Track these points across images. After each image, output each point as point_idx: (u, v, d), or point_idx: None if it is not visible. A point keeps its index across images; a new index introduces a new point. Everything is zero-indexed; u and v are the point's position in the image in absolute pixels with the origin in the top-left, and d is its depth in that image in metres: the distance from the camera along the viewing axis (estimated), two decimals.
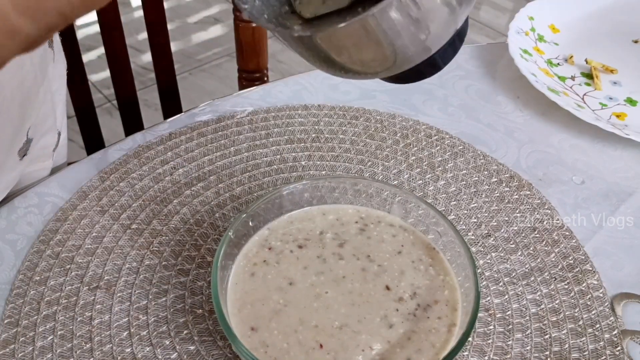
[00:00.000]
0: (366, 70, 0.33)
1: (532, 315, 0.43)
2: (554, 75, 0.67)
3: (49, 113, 0.58)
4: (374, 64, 0.32)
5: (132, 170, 0.53)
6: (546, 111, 0.62)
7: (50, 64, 0.57)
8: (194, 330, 0.41)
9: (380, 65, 0.32)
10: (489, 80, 0.66)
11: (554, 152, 0.58)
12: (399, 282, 0.40)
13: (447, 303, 0.39)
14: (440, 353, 0.37)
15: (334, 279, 0.40)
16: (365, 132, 0.58)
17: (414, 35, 0.29)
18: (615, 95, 0.65)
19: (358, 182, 0.45)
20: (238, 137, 0.57)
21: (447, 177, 0.54)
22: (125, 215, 0.49)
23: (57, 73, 0.60)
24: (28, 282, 0.44)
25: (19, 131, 0.51)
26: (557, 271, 0.46)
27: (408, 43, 0.30)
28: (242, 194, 0.51)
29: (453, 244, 0.41)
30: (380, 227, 0.44)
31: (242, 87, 0.88)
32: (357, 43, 0.29)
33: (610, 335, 0.42)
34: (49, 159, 0.60)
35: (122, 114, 0.82)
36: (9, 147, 0.50)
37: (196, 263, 0.45)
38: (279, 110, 0.60)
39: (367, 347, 0.37)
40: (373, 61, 0.31)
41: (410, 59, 0.31)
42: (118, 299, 0.43)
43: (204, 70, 1.83)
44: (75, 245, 0.46)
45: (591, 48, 0.71)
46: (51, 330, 0.41)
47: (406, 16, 0.28)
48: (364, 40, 0.29)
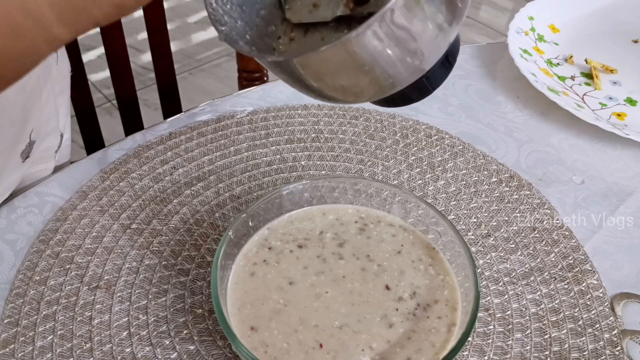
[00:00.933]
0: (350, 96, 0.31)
1: (531, 315, 0.43)
2: (554, 75, 0.67)
3: (51, 115, 0.58)
4: (357, 90, 0.30)
5: (132, 170, 0.53)
6: (546, 111, 0.62)
7: (53, 65, 0.57)
8: (194, 330, 0.41)
9: (364, 91, 0.30)
10: (488, 80, 0.66)
11: (553, 152, 0.58)
12: (399, 281, 0.40)
13: (447, 303, 0.39)
14: (440, 353, 0.37)
15: (334, 278, 0.40)
16: (365, 132, 0.58)
17: (399, 59, 0.28)
18: (615, 95, 0.65)
19: (358, 182, 0.45)
20: (238, 137, 0.57)
21: (447, 177, 0.54)
22: (125, 215, 0.49)
23: (60, 74, 0.60)
24: (28, 282, 0.44)
25: (21, 134, 0.51)
26: (556, 271, 0.46)
27: (392, 67, 0.28)
28: (242, 194, 0.51)
29: (453, 244, 0.41)
30: (380, 227, 0.44)
31: (242, 87, 0.88)
32: (337, 68, 0.28)
33: (610, 335, 0.42)
34: (51, 160, 0.60)
35: (122, 113, 0.82)
36: (12, 150, 0.50)
37: (196, 263, 0.45)
38: (278, 110, 0.60)
39: (367, 347, 0.37)
40: (356, 87, 0.30)
41: (395, 83, 0.30)
42: (118, 299, 0.43)
43: (203, 70, 1.83)
44: (75, 245, 0.46)
45: (591, 48, 0.71)
46: (51, 330, 0.41)
47: (389, 38, 0.27)
48: (344, 64, 0.28)
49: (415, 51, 0.28)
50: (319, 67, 0.29)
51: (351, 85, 0.30)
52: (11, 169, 0.51)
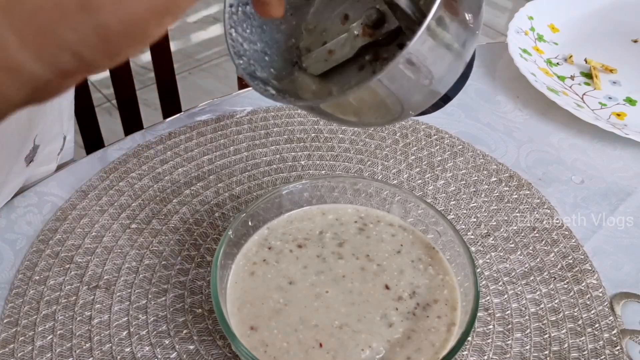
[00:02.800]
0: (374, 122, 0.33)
1: (531, 314, 0.43)
2: (554, 74, 0.67)
3: (56, 119, 0.57)
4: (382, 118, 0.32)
5: (131, 170, 0.53)
6: (546, 111, 0.62)
7: None
8: (194, 329, 0.41)
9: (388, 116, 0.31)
10: (488, 80, 0.66)
11: (553, 151, 0.58)
12: (399, 281, 0.40)
13: (446, 302, 0.39)
14: (439, 352, 0.37)
15: (334, 278, 0.40)
16: (364, 132, 0.58)
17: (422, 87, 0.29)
18: (614, 94, 0.65)
19: (357, 181, 0.45)
20: (237, 136, 0.57)
21: (447, 176, 0.54)
22: (125, 214, 0.49)
23: None
24: (27, 282, 0.44)
25: (26, 139, 0.51)
26: (556, 271, 0.46)
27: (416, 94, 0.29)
28: (242, 194, 0.51)
29: (452, 244, 0.41)
30: (379, 227, 0.44)
31: (241, 86, 0.88)
32: (364, 103, 0.29)
33: (610, 335, 0.42)
34: (53, 161, 0.60)
35: (121, 113, 0.82)
36: (17, 155, 0.50)
37: (196, 262, 0.45)
38: (278, 109, 0.60)
39: (367, 347, 0.37)
40: (381, 116, 0.31)
41: (419, 106, 0.31)
42: (117, 299, 0.43)
43: (203, 70, 1.83)
44: (74, 245, 0.46)
45: (590, 48, 0.71)
46: (50, 329, 0.41)
47: (412, 72, 0.27)
48: (370, 100, 0.29)
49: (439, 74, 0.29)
50: (348, 105, 0.29)
51: (378, 115, 0.31)
52: (15, 174, 0.51)
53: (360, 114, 0.30)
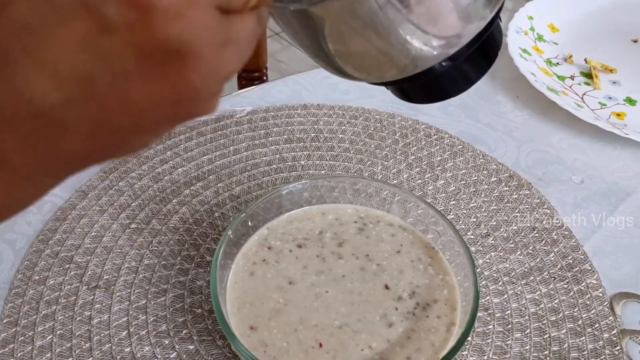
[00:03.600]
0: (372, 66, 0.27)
1: (531, 314, 0.43)
2: (553, 74, 0.67)
3: None
4: (381, 59, 0.26)
5: (131, 170, 0.53)
6: (545, 111, 0.62)
7: None
8: (193, 329, 0.41)
9: (389, 61, 0.26)
10: (488, 80, 0.66)
11: (553, 151, 0.58)
12: (398, 281, 0.40)
13: (446, 302, 0.39)
14: (439, 352, 0.37)
15: (334, 278, 0.40)
16: (364, 132, 0.58)
17: (431, 17, 0.24)
18: (614, 94, 0.65)
19: (357, 181, 0.45)
20: (237, 136, 0.57)
21: (447, 176, 0.54)
22: (125, 214, 0.49)
23: None
24: (27, 282, 0.44)
25: None
26: (556, 271, 0.46)
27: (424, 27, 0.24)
28: (241, 194, 0.51)
29: (452, 244, 0.41)
30: (379, 227, 0.44)
31: (241, 86, 0.88)
32: (360, 23, 0.24)
33: (610, 335, 0.42)
34: None
35: None
36: None
37: (195, 262, 0.45)
38: (278, 109, 0.60)
39: (367, 346, 0.37)
40: (380, 53, 0.26)
41: (427, 54, 0.26)
42: (117, 299, 0.43)
43: None
44: (74, 245, 0.46)
45: (590, 47, 0.71)
46: (50, 329, 0.41)
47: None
48: (369, 19, 0.24)
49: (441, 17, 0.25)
50: (343, 21, 0.25)
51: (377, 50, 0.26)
52: None
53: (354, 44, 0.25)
